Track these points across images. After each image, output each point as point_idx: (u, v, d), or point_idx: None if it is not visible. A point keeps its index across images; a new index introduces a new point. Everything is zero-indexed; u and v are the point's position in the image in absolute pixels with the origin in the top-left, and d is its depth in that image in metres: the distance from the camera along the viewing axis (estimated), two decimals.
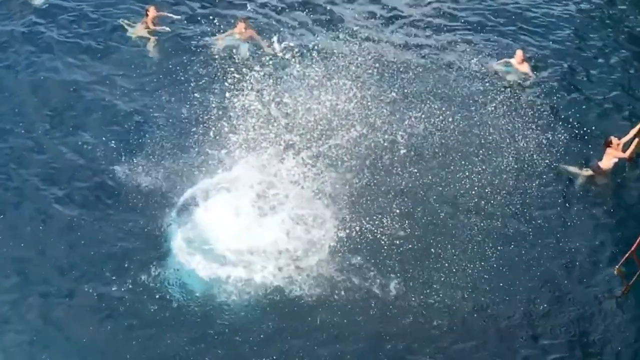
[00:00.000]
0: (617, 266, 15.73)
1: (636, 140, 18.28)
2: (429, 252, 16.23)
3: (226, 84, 18.32)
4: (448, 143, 18.54)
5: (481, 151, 18.50)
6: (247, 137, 17.29)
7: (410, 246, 16.26)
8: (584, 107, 20.29)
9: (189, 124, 18.83)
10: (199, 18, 22.40)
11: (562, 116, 19.81)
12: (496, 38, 22.60)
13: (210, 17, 22.28)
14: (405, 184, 17.52)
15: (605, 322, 15.44)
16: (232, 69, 19.42)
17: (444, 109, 19.16)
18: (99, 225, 16.62)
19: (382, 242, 16.22)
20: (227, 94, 17.97)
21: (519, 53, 21.01)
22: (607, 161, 18.17)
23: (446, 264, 16.03)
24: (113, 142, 18.52)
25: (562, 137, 19.07)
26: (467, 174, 17.77)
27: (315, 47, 19.80)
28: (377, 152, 17.86)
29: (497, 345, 15.00)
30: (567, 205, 17.61)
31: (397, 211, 16.87)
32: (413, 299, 15.41)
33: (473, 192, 17.43)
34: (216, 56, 20.93)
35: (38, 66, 20.62)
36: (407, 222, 16.67)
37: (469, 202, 17.31)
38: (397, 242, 16.24)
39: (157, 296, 15.28)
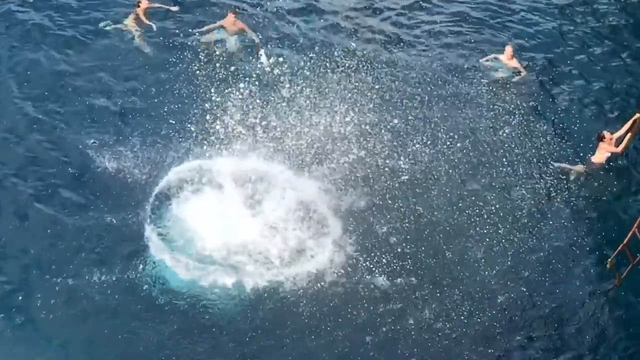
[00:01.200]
0: (609, 259, 15.64)
1: (629, 135, 18.27)
2: (414, 249, 16.14)
3: (214, 79, 18.64)
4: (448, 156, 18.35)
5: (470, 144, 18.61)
6: (233, 133, 17.29)
7: (396, 243, 16.16)
8: (572, 102, 20.30)
9: (173, 119, 18.55)
10: (188, 9, 22.16)
11: (553, 112, 19.83)
12: (482, 32, 22.59)
13: (200, 9, 22.14)
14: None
15: (598, 315, 15.44)
16: (221, 64, 19.78)
17: (449, 134, 18.86)
18: (80, 220, 16.32)
19: (372, 241, 16.14)
20: (214, 89, 18.08)
21: (508, 49, 20.89)
22: (600, 156, 18.15)
23: (433, 260, 16.00)
24: (95, 135, 18.24)
25: (554, 134, 19.09)
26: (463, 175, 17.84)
27: (308, 64, 19.53)
28: (377, 178, 17.53)
29: (485, 342, 14.91)
30: (558, 200, 17.53)
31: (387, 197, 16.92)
32: (399, 296, 15.31)
33: (463, 189, 17.44)
34: (204, 50, 20.62)
35: (20, 57, 20.28)
36: (396, 220, 16.59)
37: (460, 200, 17.22)
38: (387, 244, 16.12)
39: (140, 293, 15.05)
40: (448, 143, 18.37)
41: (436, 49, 21.76)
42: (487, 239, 16.41)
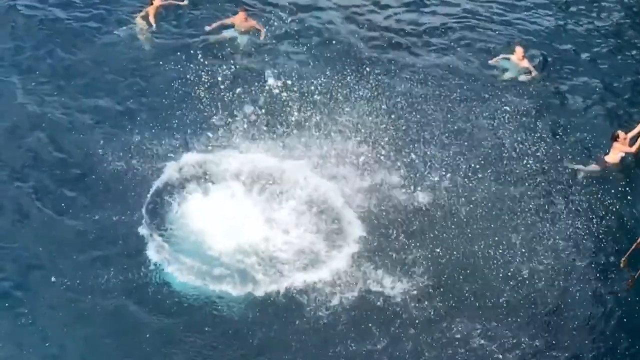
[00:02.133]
0: (622, 259, 15.47)
1: None
2: (425, 252, 16.00)
3: (221, 79, 18.72)
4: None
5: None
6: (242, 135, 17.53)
7: (408, 248, 16.02)
8: (581, 101, 20.10)
9: (179, 120, 18.40)
10: (198, 6, 22.00)
11: (563, 113, 19.69)
12: (489, 32, 22.35)
13: (210, 5, 21.99)
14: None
15: (612, 315, 15.30)
16: (228, 65, 19.73)
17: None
18: (83, 220, 16.22)
19: (385, 248, 15.98)
20: (221, 89, 18.35)
21: (519, 50, 20.72)
22: (614, 155, 18.04)
23: (443, 264, 15.83)
24: (98, 134, 18.13)
25: (567, 135, 18.94)
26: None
27: (318, 88, 19.05)
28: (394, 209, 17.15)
29: (493, 343, 14.72)
30: (572, 199, 17.39)
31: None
32: (407, 300, 15.14)
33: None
34: (214, 50, 20.49)
35: (24, 55, 20.20)
36: (411, 228, 16.44)
37: (472, 202, 17.05)
38: (402, 251, 15.95)
39: (143, 294, 14.97)
40: (456, 147, 18.28)
41: (444, 51, 21.52)
42: (497, 237, 16.28)
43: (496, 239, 16.22)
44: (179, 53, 20.28)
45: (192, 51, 20.27)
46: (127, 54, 20.38)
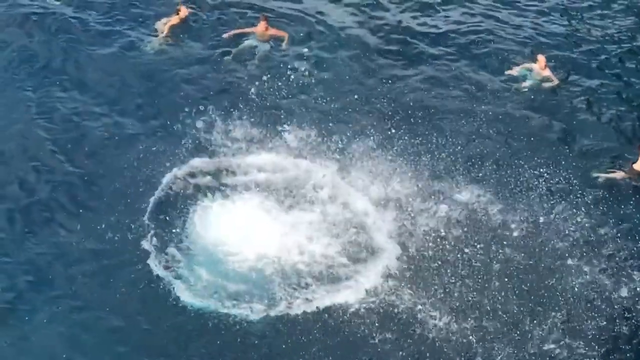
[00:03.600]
0: None
1: None
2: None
3: (237, 90, 18.92)
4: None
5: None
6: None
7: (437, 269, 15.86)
8: (602, 108, 20.07)
9: (190, 129, 18.24)
10: (217, 14, 21.98)
11: (581, 120, 19.68)
12: (503, 37, 22.30)
13: (231, 12, 21.98)
14: None
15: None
16: (247, 74, 19.79)
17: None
18: (90, 232, 16.02)
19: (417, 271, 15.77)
20: (233, 101, 18.45)
21: (542, 58, 20.68)
22: None
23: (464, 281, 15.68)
24: (109, 145, 18.04)
25: (588, 142, 18.93)
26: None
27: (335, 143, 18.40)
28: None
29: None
30: (598, 207, 17.22)
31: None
32: (424, 318, 14.95)
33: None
34: (231, 58, 20.42)
35: (37, 63, 20.11)
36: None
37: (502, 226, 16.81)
38: (434, 275, 15.75)
39: (148, 311, 14.79)
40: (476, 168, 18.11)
41: (459, 60, 21.40)
42: (523, 254, 16.12)
43: (523, 255, 16.02)
44: (197, 61, 20.29)
45: (210, 60, 20.30)
46: (143, 63, 20.28)
